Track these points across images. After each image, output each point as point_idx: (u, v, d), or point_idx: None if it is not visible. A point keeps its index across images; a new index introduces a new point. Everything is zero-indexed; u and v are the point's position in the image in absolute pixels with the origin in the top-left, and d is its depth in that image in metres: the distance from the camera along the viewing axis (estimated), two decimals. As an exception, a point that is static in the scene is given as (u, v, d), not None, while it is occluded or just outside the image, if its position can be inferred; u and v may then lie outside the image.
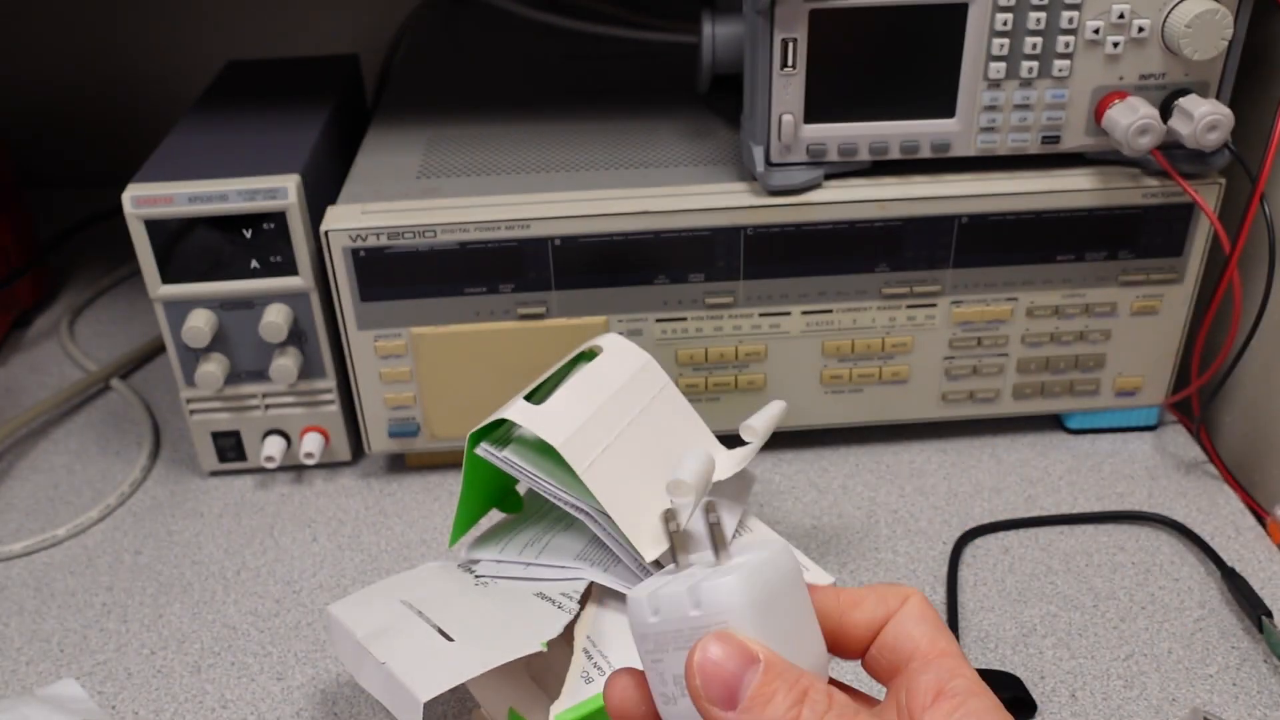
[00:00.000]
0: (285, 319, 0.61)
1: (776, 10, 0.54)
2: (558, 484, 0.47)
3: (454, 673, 0.42)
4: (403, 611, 0.47)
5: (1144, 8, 0.54)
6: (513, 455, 0.47)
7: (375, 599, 0.48)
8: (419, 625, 0.46)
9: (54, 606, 0.58)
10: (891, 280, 0.61)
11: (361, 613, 0.47)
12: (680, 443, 0.50)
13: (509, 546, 0.50)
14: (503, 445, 0.48)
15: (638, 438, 0.48)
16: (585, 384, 0.49)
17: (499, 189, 0.61)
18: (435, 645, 0.44)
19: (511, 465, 0.47)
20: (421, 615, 0.47)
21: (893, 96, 0.57)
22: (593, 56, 0.79)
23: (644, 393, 0.50)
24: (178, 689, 0.53)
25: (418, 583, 0.50)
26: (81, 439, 0.72)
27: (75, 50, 1.01)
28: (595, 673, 0.45)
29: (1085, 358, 0.64)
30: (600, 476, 0.46)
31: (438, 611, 0.47)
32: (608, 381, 0.49)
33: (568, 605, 0.46)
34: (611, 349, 0.51)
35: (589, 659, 0.45)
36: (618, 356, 0.51)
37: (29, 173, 1.04)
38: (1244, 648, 0.53)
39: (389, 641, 0.45)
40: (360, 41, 0.98)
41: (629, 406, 0.49)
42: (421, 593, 0.48)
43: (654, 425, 0.50)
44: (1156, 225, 0.60)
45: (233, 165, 0.60)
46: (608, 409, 0.48)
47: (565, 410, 0.47)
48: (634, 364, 0.51)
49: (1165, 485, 0.64)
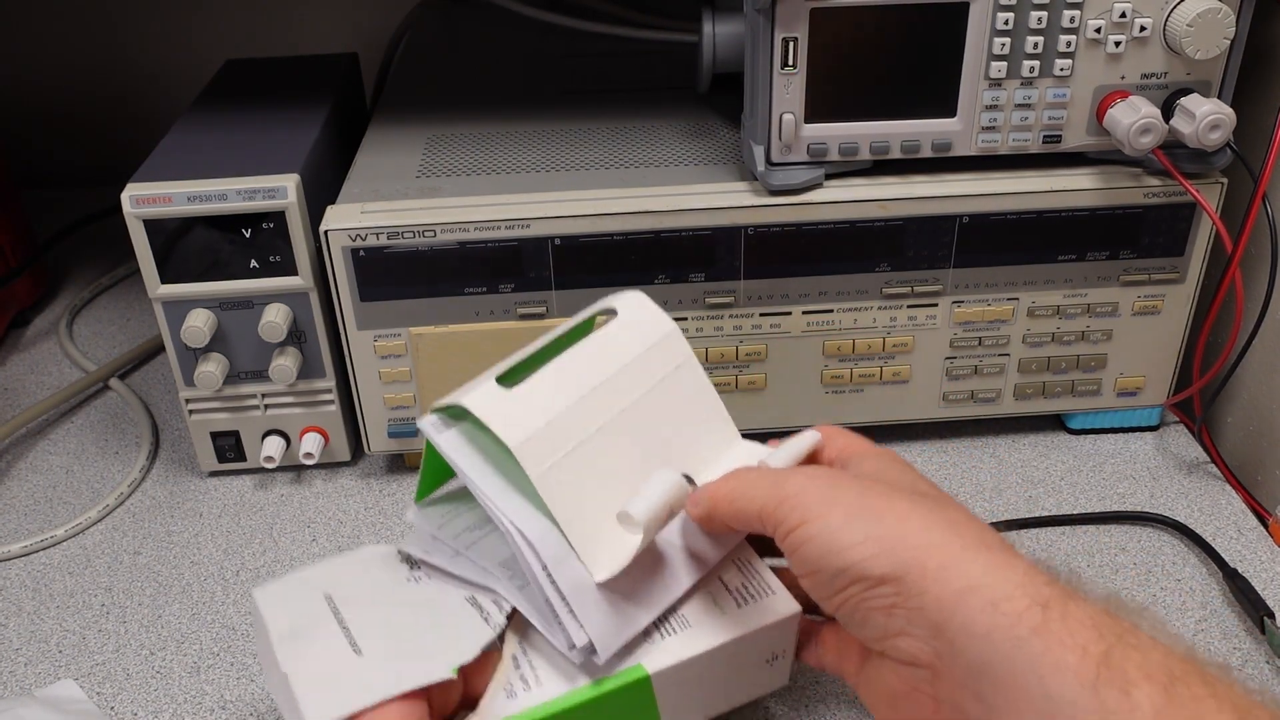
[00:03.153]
0: (285, 319, 0.61)
1: (777, 9, 0.53)
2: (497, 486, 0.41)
3: (348, 701, 0.39)
4: (321, 611, 0.43)
5: (1146, 7, 0.54)
6: (457, 441, 0.42)
7: (300, 589, 0.45)
8: (332, 631, 0.42)
9: (53, 607, 0.58)
10: (892, 280, 0.61)
11: (281, 604, 0.44)
12: (689, 433, 0.45)
13: (451, 524, 0.46)
14: (456, 420, 0.42)
15: (633, 426, 0.44)
16: (579, 360, 0.44)
17: (499, 189, 0.61)
18: (341, 661, 0.41)
19: (450, 453, 0.42)
20: (339, 618, 0.43)
21: (893, 96, 0.57)
22: (593, 56, 0.79)
23: (656, 369, 0.45)
24: (177, 690, 0.53)
25: (349, 573, 0.46)
26: (80, 439, 0.71)
27: (75, 50, 1.01)
28: (520, 686, 0.42)
29: (1086, 358, 0.64)
30: (560, 481, 0.41)
31: (357, 614, 0.43)
32: (611, 355, 0.44)
33: (495, 619, 0.42)
34: (629, 312, 0.46)
35: (516, 668, 0.42)
36: (634, 322, 0.45)
37: (28, 172, 1.04)
38: (1246, 648, 0.53)
39: (297, 648, 0.41)
40: (360, 41, 0.98)
41: (630, 387, 0.44)
42: (348, 587, 0.45)
43: (659, 409, 0.45)
44: (1158, 225, 0.60)
45: (232, 165, 0.60)
46: (600, 393, 0.43)
47: (538, 398, 0.42)
48: (653, 333, 0.45)
49: (1167, 486, 0.64)
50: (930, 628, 0.36)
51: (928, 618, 0.36)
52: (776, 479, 0.41)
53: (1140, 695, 0.31)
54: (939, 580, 0.36)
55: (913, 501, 0.39)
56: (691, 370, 0.46)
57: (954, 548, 0.36)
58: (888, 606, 0.37)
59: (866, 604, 0.37)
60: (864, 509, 0.38)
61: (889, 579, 0.36)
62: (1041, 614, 0.34)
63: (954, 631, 0.35)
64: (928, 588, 0.36)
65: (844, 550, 0.37)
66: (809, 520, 0.38)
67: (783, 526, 0.39)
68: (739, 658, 0.44)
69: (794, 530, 0.39)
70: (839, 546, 0.37)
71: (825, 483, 0.40)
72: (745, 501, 0.41)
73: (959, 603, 0.35)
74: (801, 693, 0.52)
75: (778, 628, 0.45)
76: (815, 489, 0.39)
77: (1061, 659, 0.33)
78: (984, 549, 0.36)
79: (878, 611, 0.37)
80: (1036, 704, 0.33)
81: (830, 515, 0.38)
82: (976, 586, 0.35)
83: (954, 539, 0.37)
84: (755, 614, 0.44)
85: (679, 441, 0.45)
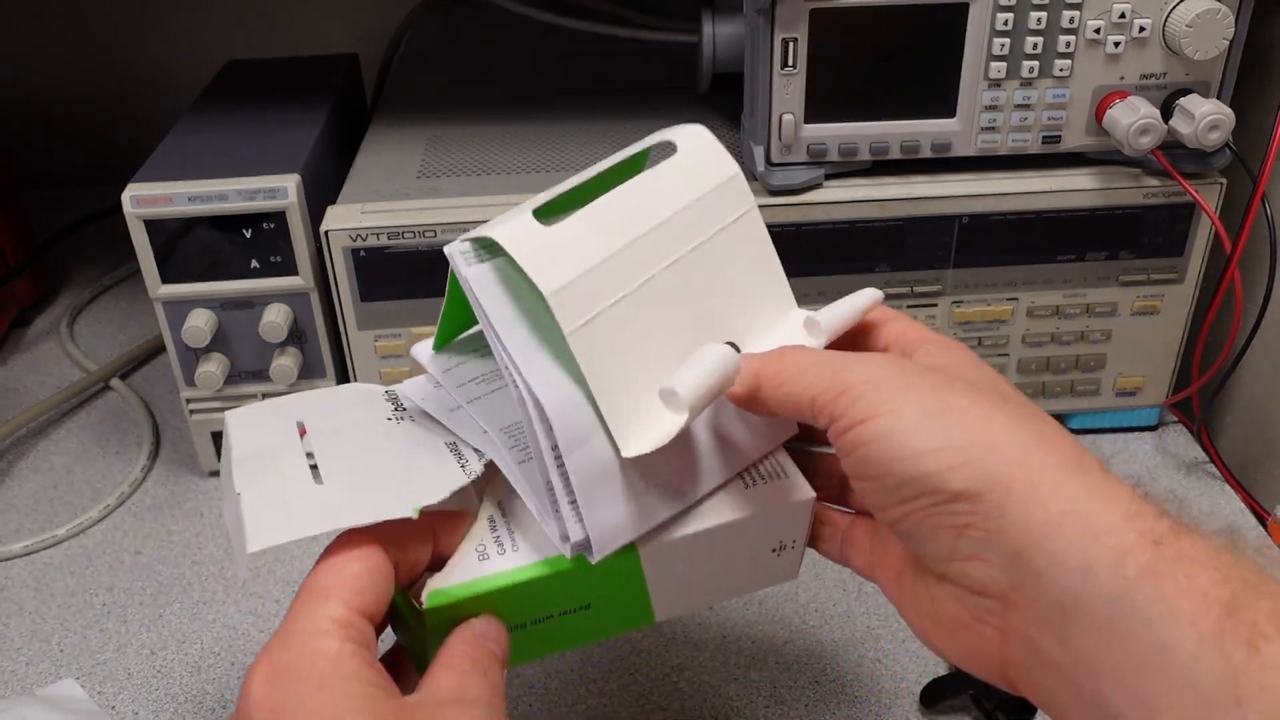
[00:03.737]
0: (285, 319, 0.61)
1: (777, 10, 0.53)
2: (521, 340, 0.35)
3: (294, 526, 0.35)
4: (290, 439, 0.39)
5: (1145, 7, 0.54)
6: (486, 278, 0.36)
7: (273, 415, 0.41)
8: (295, 457, 0.38)
9: (54, 606, 0.58)
10: (892, 280, 0.61)
11: (251, 428, 0.40)
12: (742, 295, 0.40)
13: (457, 371, 0.41)
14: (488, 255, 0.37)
15: (682, 282, 0.38)
16: (629, 199, 0.38)
17: (499, 189, 0.61)
18: (298, 487, 0.37)
19: (476, 290, 0.36)
20: (308, 445, 0.39)
21: (893, 96, 0.57)
22: (593, 56, 0.79)
23: (713, 218, 0.39)
24: (178, 689, 0.53)
25: (327, 405, 0.42)
26: (81, 439, 0.72)
27: (76, 50, 1.01)
28: (495, 549, 0.37)
29: (1086, 358, 0.64)
30: (596, 339, 0.35)
31: (326, 444, 0.39)
32: (665, 197, 0.38)
33: (472, 467, 0.38)
34: (689, 148, 0.40)
35: (492, 530, 0.38)
36: (694, 161, 0.40)
37: (29, 172, 1.03)
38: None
39: (255, 470, 0.37)
40: (360, 41, 0.98)
41: (683, 237, 0.38)
42: (323, 418, 0.41)
43: (712, 265, 0.39)
44: (1157, 225, 0.60)
45: (232, 165, 0.60)
46: (648, 240, 0.37)
47: (580, 240, 0.36)
48: (714, 175, 0.40)
49: (1166, 486, 0.64)
50: (1010, 554, 0.30)
51: (1009, 542, 0.30)
52: (837, 363, 0.35)
53: (1273, 651, 0.26)
54: (1028, 500, 0.30)
55: (998, 405, 0.33)
56: (751, 222, 0.40)
57: (1048, 464, 0.31)
58: (961, 525, 0.31)
59: (934, 520, 0.32)
60: (942, 408, 0.32)
61: (967, 495, 0.31)
62: (1153, 551, 0.28)
63: (1042, 561, 0.30)
64: (1013, 508, 0.30)
65: (917, 456, 0.32)
66: (875, 416, 0.32)
67: (842, 420, 0.33)
68: (741, 543, 0.40)
69: (856, 426, 0.33)
70: (911, 451, 0.32)
71: (895, 371, 0.34)
72: (797, 385, 0.35)
73: (1052, 529, 0.30)
74: (802, 691, 0.52)
75: (789, 514, 0.40)
76: (884, 378, 0.33)
77: (1177, 605, 0.27)
78: (1082, 470, 0.31)
79: (946, 530, 0.32)
80: (1143, 656, 0.28)
81: (902, 412, 0.32)
82: (1074, 512, 0.30)
83: (1049, 454, 0.31)
84: (764, 497, 0.39)
85: (730, 304, 0.39)
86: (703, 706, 0.51)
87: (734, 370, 0.36)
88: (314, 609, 0.33)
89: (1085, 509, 0.30)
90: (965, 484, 0.31)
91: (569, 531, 0.36)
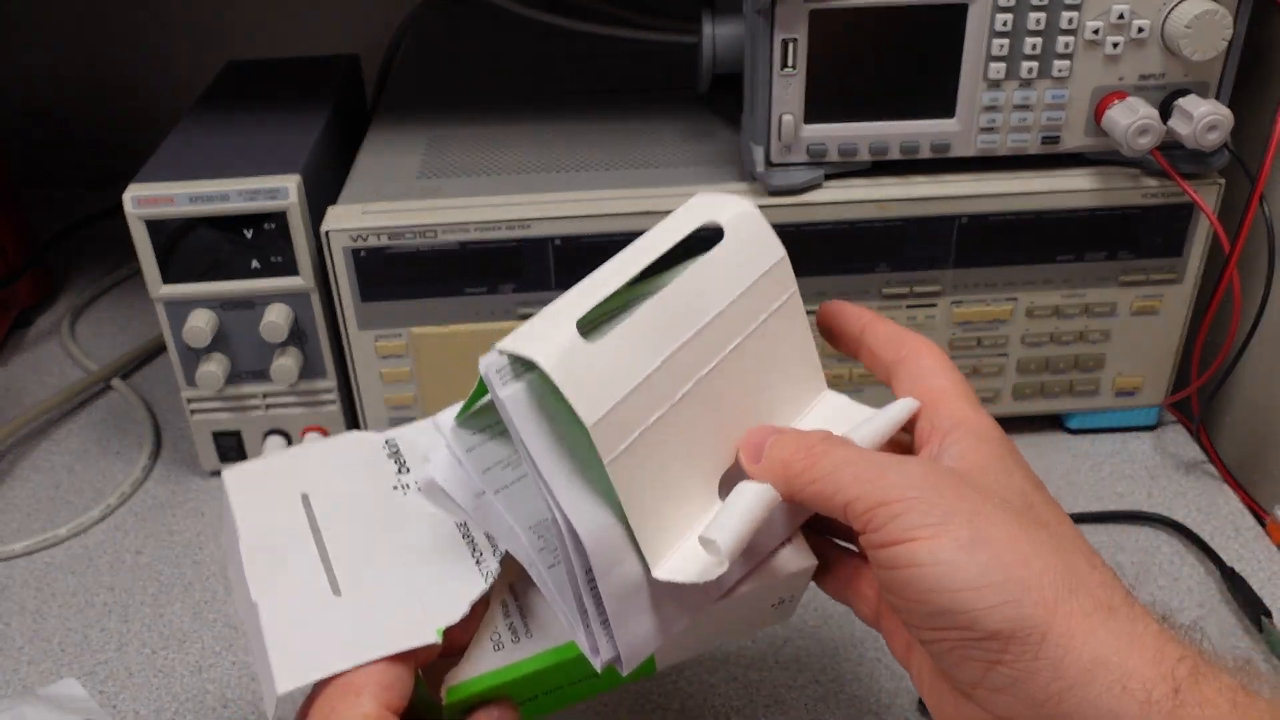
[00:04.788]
0: (286, 319, 0.61)
1: (777, 10, 0.54)
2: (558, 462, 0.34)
3: (321, 664, 0.36)
4: (297, 521, 0.39)
5: (1143, 8, 0.54)
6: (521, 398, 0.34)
7: (275, 480, 0.41)
8: (309, 556, 0.38)
9: (55, 606, 0.58)
10: (892, 280, 0.61)
11: (254, 497, 0.40)
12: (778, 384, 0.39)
13: (482, 451, 0.38)
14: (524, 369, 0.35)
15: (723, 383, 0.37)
16: (672, 304, 0.36)
17: (499, 189, 0.61)
18: (317, 602, 0.37)
19: (511, 412, 0.34)
20: (317, 535, 0.39)
21: (893, 97, 0.57)
22: (593, 56, 0.79)
23: (757, 309, 0.38)
24: (179, 689, 0.53)
25: (330, 469, 0.42)
26: (82, 439, 0.72)
27: (75, 50, 1.01)
28: (509, 638, 0.38)
29: (1085, 358, 0.64)
30: (634, 464, 0.34)
31: (337, 533, 0.39)
32: (712, 296, 0.37)
33: (487, 564, 0.38)
34: (737, 230, 0.38)
35: (505, 618, 0.39)
36: (741, 246, 0.38)
37: (29, 173, 1.03)
38: (1243, 647, 0.53)
39: (268, 568, 0.38)
40: (360, 41, 0.98)
41: (727, 336, 0.37)
42: (328, 489, 0.41)
43: (752, 359, 0.38)
44: (1156, 225, 0.60)
45: (233, 165, 0.60)
46: (692, 347, 0.36)
47: (621, 358, 0.35)
48: (761, 261, 0.38)
49: (1165, 485, 0.64)
50: (1039, 695, 0.31)
51: (1039, 684, 0.31)
52: (872, 468, 0.34)
53: None
54: (1062, 647, 0.31)
55: (1029, 532, 0.33)
56: (793, 307, 0.39)
57: (1083, 609, 0.31)
58: (992, 661, 0.32)
59: (965, 651, 0.32)
60: (980, 540, 0.32)
61: (1002, 635, 0.31)
62: (1174, 699, 0.29)
63: (1070, 707, 0.31)
64: (1046, 653, 0.31)
65: (956, 592, 0.32)
66: (914, 540, 0.32)
67: (878, 535, 0.33)
68: (744, 607, 0.40)
69: (894, 545, 0.33)
70: (949, 585, 0.32)
71: (932, 488, 0.34)
72: (830, 485, 0.35)
73: (1084, 677, 0.30)
74: (802, 691, 0.52)
75: (790, 579, 0.40)
76: (921, 495, 0.33)
77: None
78: (1111, 612, 0.32)
79: (977, 662, 0.32)
80: None
81: (941, 539, 0.32)
82: (1105, 661, 0.30)
83: (1083, 597, 0.32)
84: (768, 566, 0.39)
85: (767, 394, 0.39)
86: (703, 706, 0.51)
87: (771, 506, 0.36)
88: (350, 705, 0.35)
89: (1114, 657, 0.31)
90: (1001, 625, 0.31)
91: (600, 649, 0.36)
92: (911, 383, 0.39)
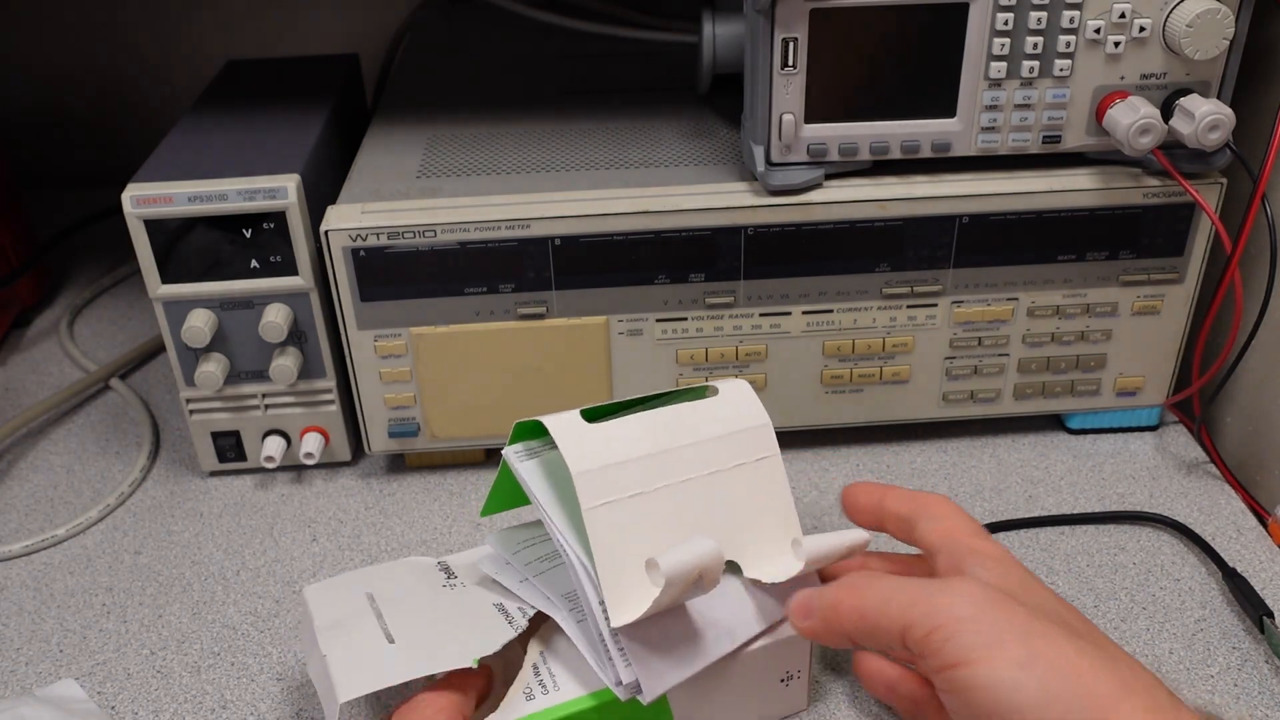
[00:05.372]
0: (285, 319, 0.61)
1: (777, 10, 0.53)
2: (565, 518, 0.43)
3: (377, 678, 0.42)
4: (362, 606, 0.47)
5: (1145, 7, 0.54)
6: (535, 471, 0.44)
7: (345, 588, 0.48)
8: (370, 622, 0.46)
9: (53, 607, 0.58)
10: (892, 280, 0.61)
11: (328, 601, 0.47)
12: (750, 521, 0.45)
13: (524, 553, 0.48)
14: (540, 448, 0.45)
15: (697, 497, 0.44)
16: (666, 420, 0.45)
17: (499, 189, 0.61)
18: (375, 646, 0.44)
19: (526, 480, 0.44)
20: (377, 611, 0.46)
21: (893, 96, 0.57)
22: (593, 56, 0.79)
23: (737, 454, 0.46)
24: (177, 689, 0.53)
25: (390, 576, 0.49)
26: (81, 439, 0.72)
27: (75, 50, 1.01)
28: (539, 690, 0.44)
29: (1086, 358, 0.64)
30: (608, 521, 0.42)
31: (394, 610, 0.46)
32: (698, 427, 0.45)
33: (518, 621, 0.45)
34: (730, 393, 0.47)
35: (536, 674, 0.45)
36: (731, 403, 0.47)
37: (29, 173, 1.04)
38: (1245, 648, 0.53)
39: (337, 635, 0.45)
40: (360, 41, 0.98)
41: (706, 461, 0.45)
42: (388, 588, 0.48)
43: (728, 491, 0.45)
44: (1157, 225, 0.60)
45: (233, 165, 0.60)
46: (674, 456, 0.44)
47: (614, 439, 0.43)
48: (746, 420, 0.46)
49: (1166, 485, 0.64)
50: None
51: None
52: (922, 597, 0.36)
53: None
54: None
55: (1075, 643, 0.35)
56: (775, 465, 0.46)
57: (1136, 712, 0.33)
58: None
59: None
60: (1033, 657, 0.34)
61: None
62: None
63: None
64: None
65: (1019, 712, 0.33)
66: (973, 662, 0.34)
67: (937, 659, 0.35)
68: (750, 671, 0.46)
69: (953, 669, 0.35)
70: (1012, 705, 0.33)
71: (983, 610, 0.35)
72: (882, 617, 0.37)
73: None
74: (801, 692, 0.52)
75: (785, 644, 0.46)
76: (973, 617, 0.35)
77: None
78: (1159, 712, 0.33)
79: None
80: None
81: (997, 659, 0.34)
82: None
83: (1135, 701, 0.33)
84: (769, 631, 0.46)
85: (736, 527, 0.45)
86: None
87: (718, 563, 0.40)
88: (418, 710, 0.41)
89: None
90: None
91: (620, 675, 0.42)
92: (929, 526, 0.43)
